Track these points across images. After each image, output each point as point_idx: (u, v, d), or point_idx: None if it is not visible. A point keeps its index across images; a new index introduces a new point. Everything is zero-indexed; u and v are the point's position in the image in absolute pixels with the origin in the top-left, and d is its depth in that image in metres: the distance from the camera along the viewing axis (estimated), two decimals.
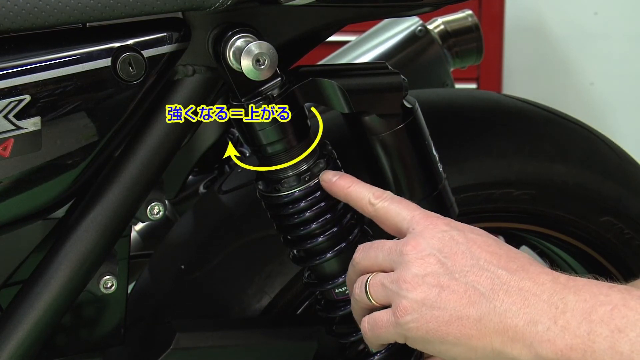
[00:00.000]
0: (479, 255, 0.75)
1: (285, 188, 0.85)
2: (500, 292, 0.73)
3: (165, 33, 0.81)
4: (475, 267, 0.74)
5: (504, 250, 0.76)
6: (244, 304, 1.00)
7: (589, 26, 2.73)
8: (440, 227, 0.77)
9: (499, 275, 0.74)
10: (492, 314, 0.73)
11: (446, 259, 0.75)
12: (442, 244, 0.76)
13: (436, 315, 0.74)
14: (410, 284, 0.75)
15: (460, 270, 0.75)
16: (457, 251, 0.75)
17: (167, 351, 0.93)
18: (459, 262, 0.75)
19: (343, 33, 1.05)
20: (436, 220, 0.78)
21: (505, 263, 0.74)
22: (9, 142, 0.77)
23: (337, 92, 0.83)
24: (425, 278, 0.75)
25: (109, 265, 0.89)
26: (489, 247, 0.76)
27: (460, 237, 0.76)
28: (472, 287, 0.74)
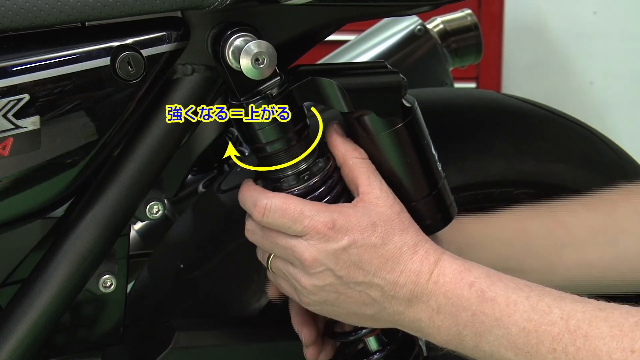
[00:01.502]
0: (368, 267, 0.84)
1: (285, 187, 0.86)
2: (388, 298, 0.84)
3: (165, 32, 0.81)
4: (367, 279, 0.84)
5: (388, 248, 0.84)
6: (244, 303, 1.00)
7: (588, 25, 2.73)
8: (334, 243, 0.83)
9: (385, 286, 0.84)
10: (383, 313, 0.85)
11: (341, 273, 0.84)
12: (336, 259, 0.83)
13: (336, 310, 0.87)
14: (310, 290, 0.85)
15: (354, 282, 0.84)
16: (350, 264, 0.84)
17: (166, 350, 0.93)
18: (352, 275, 0.84)
19: (342, 32, 1.05)
20: (330, 233, 0.83)
21: (388, 271, 0.84)
22: (8, 141, 0.77)
23: (336, 91, 0.83)
24: (324, 287, 0.85)
25: (108, 265, 0.89)
26: (376, 252, 0.84)
27: (352, 249, 0.83)
28: (365, 294, 0.85)
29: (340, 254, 0.83)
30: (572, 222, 1.01)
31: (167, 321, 0.97)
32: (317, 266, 0.83)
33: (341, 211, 0.84)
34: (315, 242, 0.83)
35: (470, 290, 0.82)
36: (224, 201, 1.04)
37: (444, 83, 1.42)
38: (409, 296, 0.84)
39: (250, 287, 1.00)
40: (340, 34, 1.09)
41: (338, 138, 0.87)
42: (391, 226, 0.84)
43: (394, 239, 0.84)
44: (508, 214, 1.01)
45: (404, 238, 0.84)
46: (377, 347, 0.93)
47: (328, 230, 0.83)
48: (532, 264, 0.99)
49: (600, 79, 2.79)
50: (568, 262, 1.00)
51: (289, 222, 0.83)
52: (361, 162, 0.86)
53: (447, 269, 0.84)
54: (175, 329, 0.94)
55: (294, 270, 0.85)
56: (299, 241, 0.83)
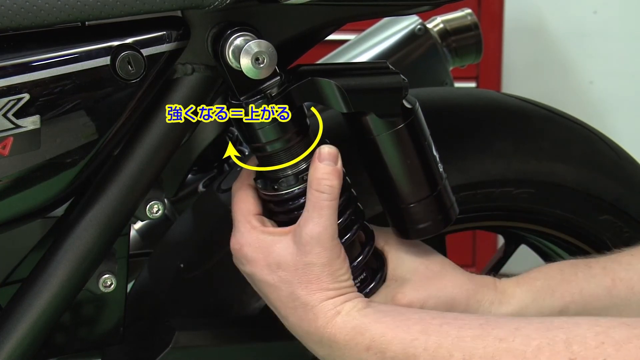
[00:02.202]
0: (269, 298, 0.86)
1: (284, 187, 0.85)
2: (292, 328, 0.86)
3: (165, 32, 0.81)
4: (270, 304, 0.88)
5: (283, 294, 0.85)
6: (243, 303, 1.00)
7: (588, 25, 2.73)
8: (241, 265, 0.88)
9: (285, 319, 0.86)
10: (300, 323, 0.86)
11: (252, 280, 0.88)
12: (246, 275, 0.88)
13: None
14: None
15: (263, 293, 0.88)
16: (255, 284, 0.88)
17: (166, 350, 0.93)
18: (259, 291, 0.88)
19: (342, 32, 1.05)
20: (237, 255, 0.87)
21: (286, 313, 0.86)
22: (8, 141, 0.77)
23: (336, 91, 0.83)
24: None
25: (108, 264, 0.89)
26: (274, 292, 0.85)
27: (253, 278, 0.87)
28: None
29: (245, 273, 0.88)
30: (630, 277, 0.93)
31: (167, 321, 0.97)
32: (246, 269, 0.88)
33: (262, 240, 0.85)
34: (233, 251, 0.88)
35: (368, 353, 0.81)
36: (224, 201, 1.04)
37: (444, 83, 1.42)
38: (307, 341, 0.85)
39: (250, 287, 1.00)
40: (340, 34, 1.09)
41: (315, 161, 0.84)
42: (293, 275, 0.84)
43: (288, 289, 0.84)
44: (556, 272, 0.94)
45: (297, 292, 0.84)
46: None
47: (235, 251, 0.87)
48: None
49: (600, 78, 2.78)
50: (630, 315, 0.92)
51: (233, 214, 0.88)
52: (318, 195, 0.84)
53: (338, 334, 0.82)
54: (175, 328, 0.94)
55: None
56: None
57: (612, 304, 0.92)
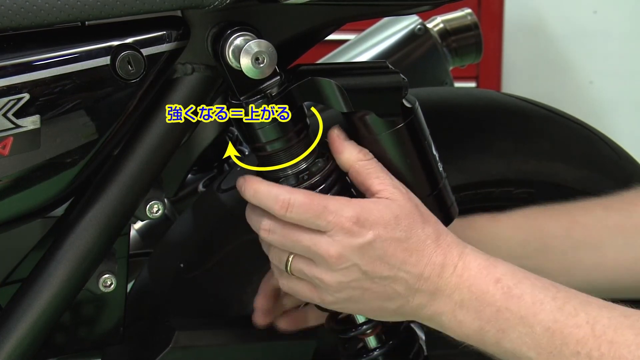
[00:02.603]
0: (394, 261, 0.83)
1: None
2: (412, 291, 0.83)
3: (164, 31, 0.81)
4: (392, 272, 0.83)
5: (410, 244, 0.83)
6: (243, 303, 1.00)
7: (588, 25, 2.73)
8: (356, 234, 0.82)
9: (409, 279, 0.83)
10: (406, 307, 0.84)
11: (367, 268, 0.83)
12: (362, 254, 0.82)
13: (359, 306, 0.86)
14: (336, 288, 0.84)
15: (379, 276, 0.83)
16: (375, 259, 0.82)
17: (166, 350, 0.93)
18: (377, 269, 0.83)
19: (342, 32, 1.05)
20: (351, 231, 0.82)
21: (414, 263, 0.83)
22: (8, 141, 0.77)
23: (336, 91, 0.83)
24: (349, 283, 0.83)
25: (108, 264, 0.89)
26: (398, 248, 0.83)
27: (377, 243, 0.82)
28: (390, 287, 0.83)
29: (366, 249, 0.82)
30: (589, 222, 0.99)
31: (167, 321, 0.97)
32: (343, 262, 0.82)
33: (364, 206, 0.83)
34: (340, 237, 0.82)
35: (496, 286, 0.81)
36: (224, 200, 1.04)
37: (444, 82, 1.42)
38: (432, 289, 0.83)
39: (250, 287, 1.00)
40: (340, 34, 1.09)
41: (341, 143, 0.86)
42: (413, 219, 0.83)
43: (417, 232, 0.83)
44: (522, 213, 1.00)
45: (426, 231, 0.84)
46: (376, 345, 0.93)
47: (352, 225, 0.82)
48: (548, 265, 0.98)
49: (600, 78, 2.79)
50: (585, 263, 0.98)
51: (313, 217, 0.82)
52: (367, 163, 0.85)
53: (471, 262, 0.83)
54: (175, 328, 0.94)
55: (316, 269, 0.84)
56: (323, 237, 0.82)
57: (570, 245, 0.99)
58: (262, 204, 0.84)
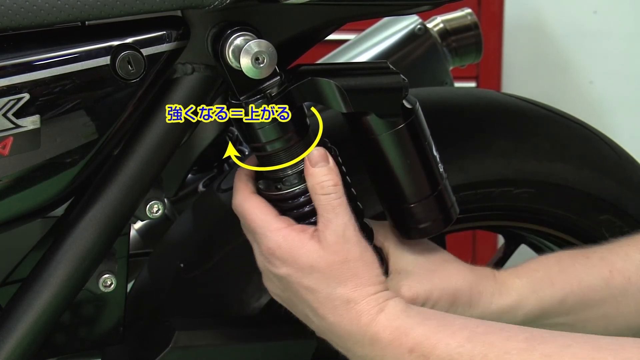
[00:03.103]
0: (306, 302, 0.84)
1: (286, 187, 0.85)
2: (326, 332, 0.85)
3: (165, 31, 0.81)
4: (304, 309, 0.86)
5: (321, 295, 0.83)
6: (243, 302, 1.00)
7: (588, 25, 2.73)
8: (274, 268, 0.85)
9: (320, 326, 0.85)
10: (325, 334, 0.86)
11: (282, 288, 0.87)
12: (278, 280, 0.86)
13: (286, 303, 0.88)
14: (266, 275, 0.89)
15: (293, 302, 0.87)
16: (288, 289, 0.86)
17: (166, 350, 0.93)
18: (291, 297, 0.87)
19: (342, 31, 1.05)
20: (271, 258, 0.85)
21: (324, 313, 0.83)
22: (8, 141, 0.77)
23: (336, 91, 0.83)
24: (271, 285, 0.89)
25: (108, 264, 0.89)
26: (308, 294, 0.84)
27: (289, 280, 0.84)
28: (304, 314, 0.86)
29: (279, 279, 0.85)
30: (628, 269, 0.93)
31: (167, 321, 0.97)
32: (265, 272, 0.88)
33: (290, 240, 0.83)
34: (260, 258, 0.87)
35: (411, 356, 0.79)
36: (224, 200, 1.04)
37: (444, 82, 1.42)
38: (343, 345, 0.84)
39: (250, 287, 1.00)
40: (340, 34, 1.09)
41: (309, 169, 0.84)
42: (329, 275, 0.83)
43: (326, 290, 0.83)
44: (557, 264, 0.94)
45: (337, 291, 0.82)
46: None
47: (269, 254, 0.85)
48: (587, 316, 0.93)
49: (600, 78, 2.78)
50: (626, 310, 0.94)
51: (250, 227, 0.86)
52: (326, 198, 0.84)
53: (382, 333, 0.81)
54: (175, 328, 0.94)
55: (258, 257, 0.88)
56: (257, 249, 0.88)
57: (609, 294, 0.93)
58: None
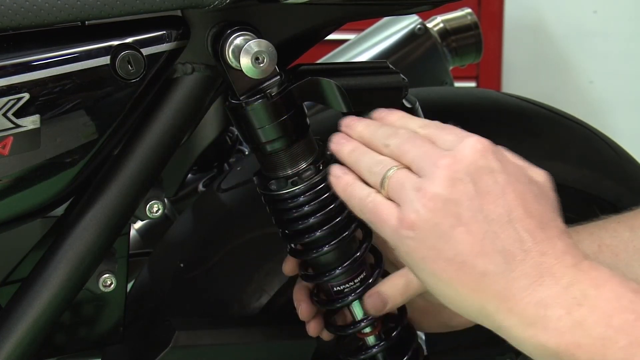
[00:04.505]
0: (512, 208, 0.67)
1: (287, 186, 0.85)
2: (518, 257, 0.67)
3: (165, 31, 0.81)
4: (503, 219, 0.67)
5: (539, 210, 0.69)
6: (243, 302, 1.00)
7: (588, 24, 2.73)
8: (486, 156, 0.69)
9: (522, 239, 0.67)
10: (499, 275, 0.66)
11: (476, 195, 0.68)
12: (479, 176, 0.68)
13: (440, 247, 0.68)
14: (429, 201, 0.68)
15: (485, 214, 0.67)
16: (491, 192, 0.68)
17: (166, 349, 0.93)
18: (488, 205, 0.68)
19: (342, 31, 1.05)
20: (485, 148, 0.70)
21: (534, 228, 0.67)
22: (8, 140, 0.77)
23: (336, 91, 0.83)
24: (447, 203, 0.68)
25: (108, 264, 0.89)
26: (525, 202, 0.68)
27: (500, 178, 0.68)
28: (491, 238, 0.67)
29: (485, 173, 0.68)
30: (617, 245, 0.89)
31: (167, 320, 0.97)
32: (457, 173, 0.68)
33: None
34: (464, 152, 0.70)
35: (636, 295, 0.65)
36: (224, 200, 1.04)
37: (444, 82, 1.42)
38: (544, 270, 0.66)
39: (250, 286, 1.00)
40: (340, 33, 1.09)
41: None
42: (550, 198, 0.71)
43: (550, 210, 0.70)
44: None
45: (558, 220, 0.70)
46: (375, 343, 0.93)
47: (485, 147, 0.70)
48: None
49: (600, 78, 2.79)
50: None
51: (445, 130, 0.73)
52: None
53: (600, 264, 0.68)
54: (175, 328, 0.94)
55: (419, 179, 0.70)
56: (444, 151, 0.71)
57: None
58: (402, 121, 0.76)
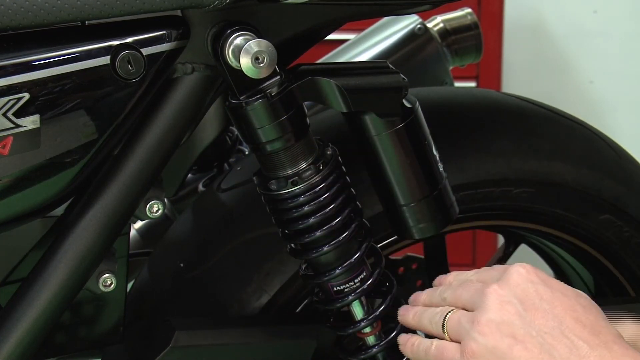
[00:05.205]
0: (562, 319, 0.71)
1: (287, 187, 0.85)
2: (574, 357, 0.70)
3: (164, 31, 0.81)
4: (556, 331, 0.71)
5: (590, 319, 0.72)
6: (243, 302, 1.00)
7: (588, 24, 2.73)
8: (528, 277, 0.75)
9: (578, 347, 0.70)
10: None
11: (525, 313, 0.72)
12: (525, 295, 0.73)
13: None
14: (483, 327, 0.74)
15: (538, 329, 0.72)
16: (539, 308, 0.73)
17: (166, 349, 0.93)
18: (538, 320, 0.72)
19: (342, 31, 1.05)
20: (528, 270, 0.76)
21: (588, 335, 0.71)
22: (8, 140, 0.77)
23: (336, 91, 0.83)
24: (500, 326, 0.73)
25: (108, 263, 0.89)
26: (574, 313, 0.72)
27: (546, 294, 0.73)
28: (547, 351, 0.71)
29: (533, 293, 0.73)
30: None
31: (167, 320, 0.97)
32: (504, 297, 0.74)
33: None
34: (509, 274, 0.76)
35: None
36: (224, 200, 1.04)
37: (444, 82, 1.42)
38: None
39: (250, 286, 1.00)
40: (340, 33, 1.09)
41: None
42: (597, 312, 0.73)
43: (603, 320, 0.72)
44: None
45: (610, 327, 0.72)
46: (375, 343, 0.93)
47: (530, 269, 0.76)
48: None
49: (600, 78, 2.78)
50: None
51: (495, 271, 0.79)
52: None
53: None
54: (175, 328, 0.94)
55: (472, 314, 0.77)
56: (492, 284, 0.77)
57: None
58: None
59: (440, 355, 0.79)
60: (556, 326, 0.71)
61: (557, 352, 0.70)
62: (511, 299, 0.74)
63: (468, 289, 0.79)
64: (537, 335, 0.71)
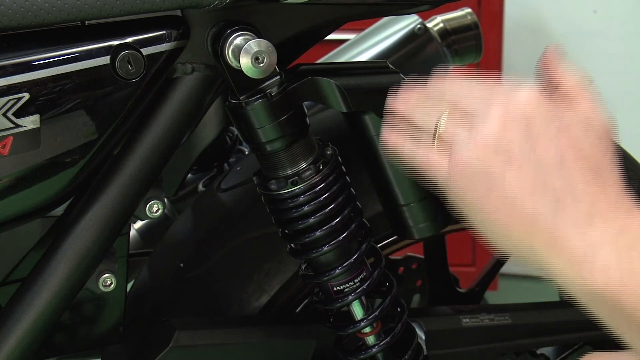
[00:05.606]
0: (565, 153, 0.66)
1: (287, 186, 0.86)
2: (569, 198, 0.65)
3: (164, 31, 0.81)
4: (555, 163, 0.66)
5: (594, 157, 0.67)
6: (243, 302, 1.00)
7: (588, 24, 2.73)
8: (542, 104, 0.68)
9: (573, 187, 0.65)
10: (548, 216, 0.65)
11: (529, 137, 0.67)
12: (533, 119, 0.67)
13: (490, 186, 0.67)
14: (480, 140, 0.68)
15: (537, 157, 0.66)
16: (544, 136, 0.67)
17: (166, 349, 0.93)
18: (541, 147, 0.66)
19: (342, 31, 1.05)
20: (544, 97, 0.70)
21: (587, 176, 0.66)
22: (8, 140, 0.77)
23: (336, 91, 0.83)
24: (498, 142, 0.67)
25: (108, 263, 0.89)
26: (579, 150, 0.67)
27: (555, 123, 0.67)
28: (542, 179, 0.66)
29: (541, 119, 0.67)
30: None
31: (166, 320, 0.97)
32: (511, 114, 0.67)
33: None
34: (524, 97, 0.70)
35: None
36: (224, 200, 1.04)
37: None
38: (597, 215, 0.65)
39: (250, 286, 1.00)
40: (339, 33, 1.09)
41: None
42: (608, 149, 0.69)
43: (608, 161, 0.69)
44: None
45: (614, 171, 0.69)
46: (375, 343, 0.93)
47: (544, 96, 0.70)
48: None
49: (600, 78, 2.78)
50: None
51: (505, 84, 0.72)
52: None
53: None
54: (175, 327, 0.94)
55: (470, 121, 0.70)
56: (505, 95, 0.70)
57: None
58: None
59: (426, 160, 0.73)
60: (556, 159, 0.66)
61: (549, 185, 0.66)
62: (518, 118, 0.67)
63: (472, 93, 0.71)
64: (535, 161, 0.66)
